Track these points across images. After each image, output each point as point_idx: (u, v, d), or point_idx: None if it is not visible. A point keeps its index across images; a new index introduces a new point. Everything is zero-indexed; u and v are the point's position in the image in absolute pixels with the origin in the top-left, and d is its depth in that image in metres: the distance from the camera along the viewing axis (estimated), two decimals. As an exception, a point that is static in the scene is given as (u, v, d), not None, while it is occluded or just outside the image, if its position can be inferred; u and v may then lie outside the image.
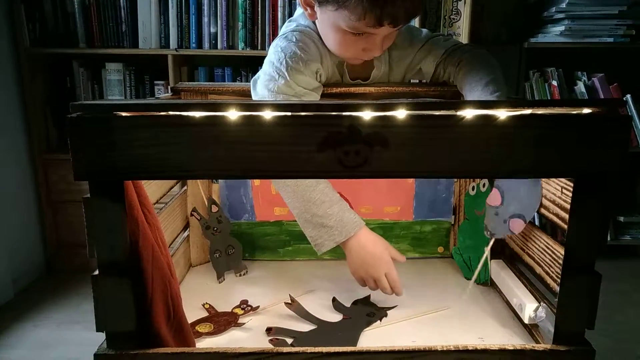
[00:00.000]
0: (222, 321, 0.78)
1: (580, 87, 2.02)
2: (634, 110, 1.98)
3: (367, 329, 0.77)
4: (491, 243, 0.78)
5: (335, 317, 0.80)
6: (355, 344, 0.73)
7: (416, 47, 0.92)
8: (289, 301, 0.81)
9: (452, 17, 1.85)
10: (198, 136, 0.49)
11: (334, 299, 0.85)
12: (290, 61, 0.83)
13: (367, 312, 0.81)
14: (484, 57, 0.86)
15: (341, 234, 0.81)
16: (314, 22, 0.88)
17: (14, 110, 1.86)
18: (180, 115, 0.48)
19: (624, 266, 2.02)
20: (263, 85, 0.84)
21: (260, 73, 0.86)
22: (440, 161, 0.51)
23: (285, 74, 0.82)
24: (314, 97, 0.86)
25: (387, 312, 0.81)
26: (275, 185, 0.90)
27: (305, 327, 0.76)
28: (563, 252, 0.55)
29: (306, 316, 0.79)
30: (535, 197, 0.73)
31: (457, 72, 0.87)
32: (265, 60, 0.87)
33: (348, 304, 0.84)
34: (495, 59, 0.87)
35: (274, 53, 0.85)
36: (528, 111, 0.50)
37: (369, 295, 0.85)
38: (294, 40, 0.85)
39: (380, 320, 0.79)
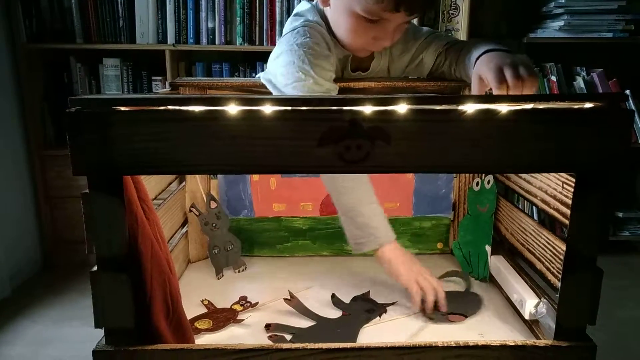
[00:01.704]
0: (221, 317, 0.77)
1: (580, 82, 2.01)
2: (633, 106, 1.98)
3: (367, 325, 0.77)
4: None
5: (335, 313, 0.80)
6: (354, 340, 0.72)
7: (418, 41, 0.93)
8: (288, 297, 0.81)
9: (450, 12, 1.85)
10: (197, 131, 0.48)
11: (333, 295, 0.84)
12: (313, 59, 0.81)
13: (367, 308, 0.80)
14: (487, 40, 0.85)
15: (387, 237, 0.83)
16: (322, 17, 0.88)
17: (11, 106, 1.85)
18: (180, 110, 0.48)
19: (623, 262, 2.03)
20: (293, 89, 0.80)
21: (277, 73, 0.83)
22: (442, 156, 0.50)
23: (312, 73, 0.80)
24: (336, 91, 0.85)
25: (387, 308, 0.81)
26: (323, 181, 0.87)
27: (305, 323, 0.76)
28: (564, 248, 0.54)
29: (305, 312, 0.79)
30: None
31: (458, 57, 0.86)
32: (277, 58, 0.84)
33: (347, 300, 0.83)
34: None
35: (290, 51, 0.82)
36: (529, 106, 0.50)
37: (369, 291, 0.85)
38: (308, 35, 0.84)
39: (380, 317, 0.79)
